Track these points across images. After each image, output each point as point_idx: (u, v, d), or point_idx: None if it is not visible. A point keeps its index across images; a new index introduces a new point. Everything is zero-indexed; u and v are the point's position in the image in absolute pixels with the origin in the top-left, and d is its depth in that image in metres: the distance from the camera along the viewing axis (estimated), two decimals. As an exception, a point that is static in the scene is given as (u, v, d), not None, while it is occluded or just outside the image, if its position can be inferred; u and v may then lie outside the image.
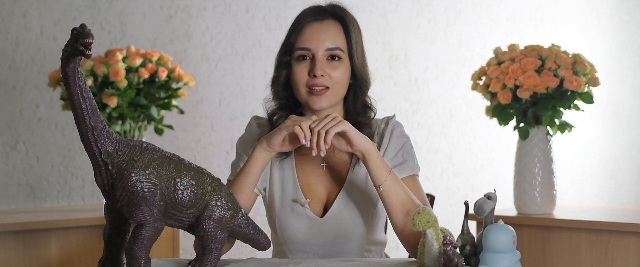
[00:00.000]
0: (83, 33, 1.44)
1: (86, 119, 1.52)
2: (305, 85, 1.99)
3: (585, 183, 4.47)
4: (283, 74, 2.02)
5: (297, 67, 2.00)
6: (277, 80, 2.04)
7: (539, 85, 2.83)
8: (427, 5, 3.98)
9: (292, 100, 2.05)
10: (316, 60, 1.98)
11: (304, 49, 2.00)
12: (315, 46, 1.99)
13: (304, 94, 2.00)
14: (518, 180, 2.97)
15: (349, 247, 2.03)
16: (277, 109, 2.05)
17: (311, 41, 1.99)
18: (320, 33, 2.00)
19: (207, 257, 1.65)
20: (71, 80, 1.49)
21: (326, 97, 1.99)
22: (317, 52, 1.98)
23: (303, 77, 1.99)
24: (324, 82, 1.98)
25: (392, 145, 2.04)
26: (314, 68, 1.97)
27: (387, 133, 2.05)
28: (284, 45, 2.03)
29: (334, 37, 2.00)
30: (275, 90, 2.05)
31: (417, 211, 1.58)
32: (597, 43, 4.45)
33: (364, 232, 2.03)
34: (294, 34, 2.02)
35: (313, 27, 2.01)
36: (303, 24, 2.02)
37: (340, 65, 2.00)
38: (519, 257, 1.56)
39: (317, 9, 2.03)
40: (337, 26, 2.02)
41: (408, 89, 3.93)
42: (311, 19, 2.02)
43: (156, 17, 3.36)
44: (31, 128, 3.14)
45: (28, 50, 3.14)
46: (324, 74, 1.98)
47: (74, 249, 2.77)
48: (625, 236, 2.73)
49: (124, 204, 1.56)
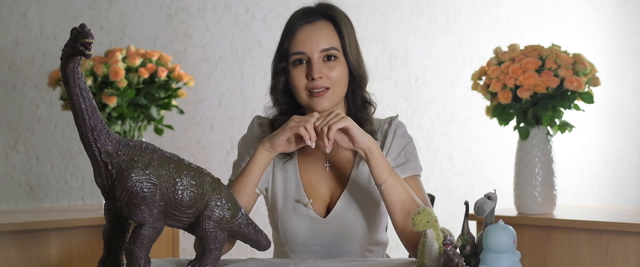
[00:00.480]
0: (83, 33, 1.44)
1: (86, 119, 1.52)
2: (305, 89, 2.00)
3: (586, 183, 4.47)
4: (281, 80, 2.03)
5: (295, 72, 2.00)
6: (276, 88, 2.04)
7: (539, 85, 2.82)
8: (427, 5, 3.98)
9: (292, 105, 2.05)
10: (312, 63, 1.98)
11: (299, 54, 2.00)
12: (310, 49, 1.99)
13: (304, 97, 2.00)
14: (518, 180, 2.97)
15: (351, 248, 2.04)
16: (278, 115, 2.06)
17: (305, 45, 1.99)
18: (313, 35, 2.00)
19: (207, 258, 1.64)
20: (71, 80, 1.49)
21: (327, 98, 1.99)
22: (313, 54, 1.99)
23: (302, 82, 2.00)
24: (323, 84, 1.98)
25: (395, 145, 2.05)
26: (312, 71, 1.98)
27: (390, 133, 2.06)
28: (279, 51, 2.04)
29: (327, 38, 2.00)
30: (275, 97, 2.05)
31: (417, 211, 1.58)
32: (597, 43, 4.45)
33: (367, 233, 2.04)
34: (288, 40, 2.02)
35: (305, 31, 2.01)
36: (295, 28, 2.02)
37: (337, 65, 2.00)
38: (519, 257, 1.55)
39: (306, 11, 2.04)
40: (329, 26, 2.02)
41: (408, 89, 3.93)
42: (302, 22, 2.02)
43: (156, 17, 3.35)
44: (31, 128, 3.14)
45: (28, 50, 3.13)
46: (322, 76, 1.98)
47: (74, 249, 2.77)
48: (626, 236, 2.73)
49: (124, 204, 1.56)
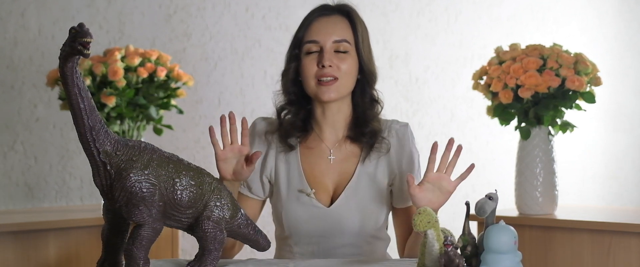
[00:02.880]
0: (81, 32, 1.44)
1: (84, 118, 1.52)
2: (314, 77, 2.05)
3: (587, 183, 4.46)
4: (292, 66, 2.09)
5: (306, 60, 2.06)
6: (286, 74, 2.10)
7: (540, 85, 2.82)
8: (427, 4, 3.98)
9: (301, 95, 2.10)
10: (324, 51, 2.05)
11: (312, 42, 2.06)
12: (323, 38, 2.05)
13: (312, 85, 2.06)
14: (519, 180, 2.97)
15: (354, 240, 2.07)
16: (286, 104, 2.12)
17: (319, 34, 2.06)
18: (328, 26, 2.07)
19: (206, 258, 1.64)
20: (69, 79, 1.49)
21: (335, 88, 2.04)
22: (325, 44, 2.05)
23: (312, 69, 2.05)
24: (332, 73, 2.04)
25: (414, 151, 2.16)
26: (322, 59, 2.04)
27: (409, 138, 2.14)
28: (294, 40, 2.10)
29: (341, 30, 2.07)
30: (284, 83, 2.11)
31: (418, 211, 1.58)
32: (599, 42, 4.44)
33: (370, 226, 2.08)
34: (303, 29, 2.09)
35: (320, 22, 2.08)
36: (311, 19, 2.09)
37: (347, 58, 2.06)
38: (520, 258, 1.55)
39: (325, 6, 2.12)
40: (344, 21, 2.09)
41: (408, 88, 3.92)
42: (318, 14, 2.10)
43: (155, 17, 3.35)
44: (29, 128, 3.13)
45: (26, 50, 3.13)
46: (332, 65, 2.04)
47: (72, 249, 2.76)
48: (628, 236, 2.73)
49: (123, 205, 1.56)
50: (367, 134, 2.08)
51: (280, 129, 2.10)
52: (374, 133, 2.09)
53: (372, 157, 2.09)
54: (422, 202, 1.94)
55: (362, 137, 2.09)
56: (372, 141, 2.08)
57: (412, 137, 2.15)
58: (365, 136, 2.08)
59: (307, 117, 2.11)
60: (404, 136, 2.13)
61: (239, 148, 1.96)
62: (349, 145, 2.11)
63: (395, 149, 2.11)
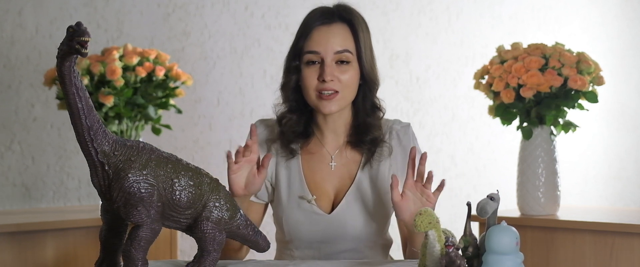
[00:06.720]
0: (79, 31, 1.44)
1: (82, 118, 1.52)
2: (315, 90, 2.03)
3: (590, 184, 4.45)
4: (293, 79, 2.06)
5: (307, 72, 2.04)
6: (287, 86, 2.08)
7: (542, 84, 2.81)
8: (428, 3, 3.97)
9: (301, 103, 2.08)
10: (325, 64, 2.02)
11: (312, 53, 2.03)
12: (324, 50, 2.02)
13: (313, 98, 2.04)
14: (521, 180, 2.96)
15: (355, 246, 2.06)
16: (286, 112, 2.09)
17: (319, 45, 2.02)
18: (329, 37, 2.03)
19: (205, 259, 1.63)
20: (67, 79, 1.49)
21: (336, 101, 2.02)
22: (326, 56, 2.02)
23: (312, 82, 2.03)
24: (333, 87, 2.02)
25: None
26: (323, 73, 2.01)
27: (410, 139, 2.12)
28: (293, 49, 2.07)
29: (342, 40, 2.04)
30: (285, 95, 2.09)
31: (419, 212, 1.57)
32: (601, 41, 4.43)
33: (371, 232, 2.07)
34: (303, 39, 2.05)
35: (321, 31, 2.04)
36: (311, 28, 2.05)
37: (349, 69, 2.03)
38: (522, 258, 1.54)
39: (324, 12, 2.07)
40: (346, 29, 2.05)
41: (409, 88, 3.92)
42: (319, 22, 2.05)
43: (153, 15, 3.34)
44: (26, 128, 3.13)
45: (23, 49, 3.12)
46: (333, 79, 2.01)
47: (70, 250, 2.76)
48: (630, 237, 2.72)
49: (121, 205, 1.55)
50: (367, 142, 2.08)
51: (281, 136, 2.09)
52: (375, 141, 2.08)
53: (373, 163, 2.08)
54: (405, 214, 1.92)
55: (362, 145, 2.08)
56: (372, 148, 2.08)
57: (414, 137, 2.13)
58: (365, 143, 2.08)
59: (308, 122, 2.10)
60: (405, 136, 2.12)
61: (249, 158, 1.95)
62: (350, 151, 2.10)
63: (397, 151, 2.10)
